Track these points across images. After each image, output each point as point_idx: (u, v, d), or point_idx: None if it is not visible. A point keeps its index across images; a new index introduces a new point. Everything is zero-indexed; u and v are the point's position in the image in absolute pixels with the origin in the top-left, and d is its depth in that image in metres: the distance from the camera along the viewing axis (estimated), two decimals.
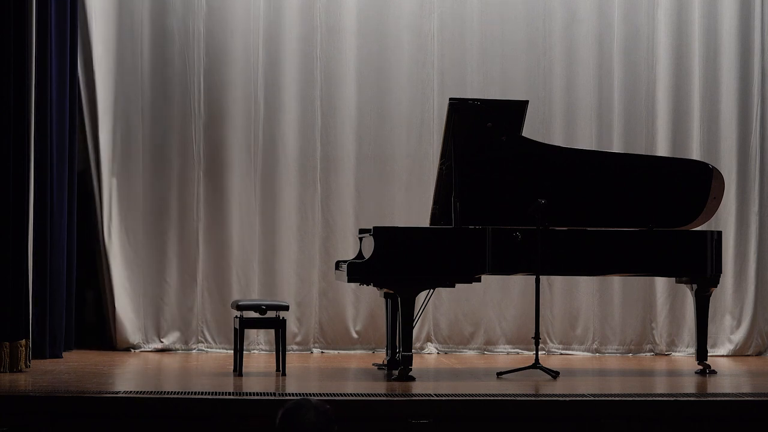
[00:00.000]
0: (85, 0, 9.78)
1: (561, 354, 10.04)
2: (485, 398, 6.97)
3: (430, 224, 8.47)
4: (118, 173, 9.90)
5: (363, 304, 10.00)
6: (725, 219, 10.06)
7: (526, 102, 8.49)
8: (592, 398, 7.02)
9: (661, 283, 10.08)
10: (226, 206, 9.98)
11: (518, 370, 8.25)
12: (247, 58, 10.01)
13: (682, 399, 7.14)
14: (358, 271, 7.93)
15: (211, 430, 6.62)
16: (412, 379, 7.82)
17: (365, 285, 8.24)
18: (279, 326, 8.20)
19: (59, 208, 9.06)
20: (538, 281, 8.24)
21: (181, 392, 7.10)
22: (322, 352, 9.97)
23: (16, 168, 7.90)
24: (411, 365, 7.91)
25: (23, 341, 7.97)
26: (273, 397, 6.97)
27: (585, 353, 10.07)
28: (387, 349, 8.64)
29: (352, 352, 9.96)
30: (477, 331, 10.09)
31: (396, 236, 8.02)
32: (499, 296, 10.08)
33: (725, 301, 10.16)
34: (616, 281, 10.09)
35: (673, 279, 8.98)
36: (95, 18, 9.86)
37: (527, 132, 8.48)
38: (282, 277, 9.99)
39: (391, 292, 8.14)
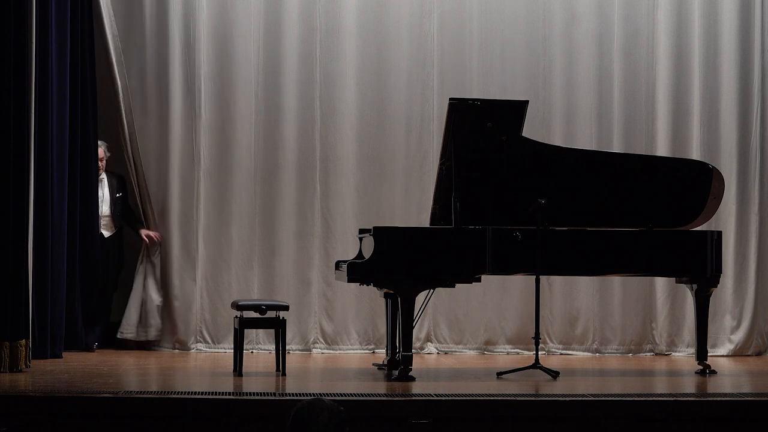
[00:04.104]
0: (86, 0, 9.78)
1: (561, 354, 10.04)
2: (485, 398, 6.97)
3: (430, 224, 8.47)
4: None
5: (363, 304, 10.00)
6: (725, 219, 10.06)
7: (526, 102, 8.49)
8: (592, 398, 7.01)
9: (661, 283, 10.08)
10: (226, 206, 9.98)
11: (518, 370, 8.25)
12: (248, 58, 10.01)
13: (682, 399, 7.14)
14: (358, 271, 7.93)
15: (211, 430, 6.62)
16: (412, 379, 7.82)
17: (365, 285, 8.24)
18: (279, 326, 8.20)
19: (59, 207, 9.06)
20: (538, 281, 8.24)
21: (181, 392, 7.10)
22: (322, 352, 9.97)
23: (16, 168, 7.90)
24: (411, 365, 7.91)
25: (23, 341, 7.96)
26: (273, 398, 6.97)
27: (585, 353, 10.07)
28: (387, 349, 8.64)
29: (352, 352, 9.96)
30: (477, 331, 10.09)
31: (396, 236, 8.02)
32: (499, 296, 10.08)
33: (725, 301, 10.15)
34: (616, 281, 10.08)
35: (673, 279, 8.99)
36: (96, 19, 9.85)
37: (527, 132, 8.48)
38: (282, 277, 9.99)
39: (391, 292, 8.14)
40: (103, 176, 9.72)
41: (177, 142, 9.93)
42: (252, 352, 9.78)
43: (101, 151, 9.68)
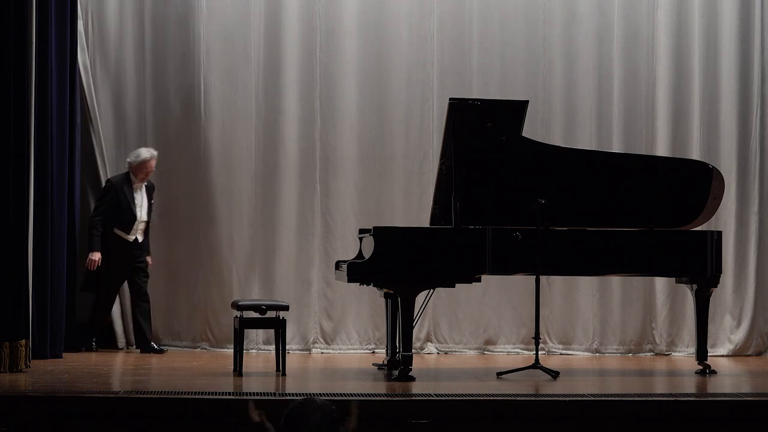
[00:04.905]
0: (86, 1, 9.80)
1: (561, 354, 10.03)
2: (485, 398, 6.97)
3: (430, 224, 8.47)
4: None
5: (363, 304, 10.00)
6: (725, 219, 10.06)
7: (526, 102, 8.49)
8: (592, 398, 7.01)
9: (661, 283, 10.07)
10: (227, 206, 9.98)
11: (518, 370, 8.24)
12: (248, 59, 10.01)
13: (682, 399, 7.14)
14: (358, 271, 7.93)
15: (211, 430, 6.62)
16: (412, 379, 7.82)
17: (365, 285, 8.24)
18: (279, 326, 8.20)
19: (59, 208, 9.06)
20: (538, 281, 8.24)
21: (181, 392, 7.10)
22: (321, 352, 9.97)
23: (16, 168, 7.90)
24: (411, 365, 7.90)
25: (23, 341, 7.96)
26: (273, 398, 6.97)
27: (585, 353, 10.07)
28: (387, 349, 8.64)
29: (352, 352, 9.96)
30: (477, 331, 10.09)
31: (396, 236, 8.03)
32: (498, 296, 10.08)
33: (725, 301, 10.15)
34: (616, 281, 10.08)
35: (673, 279, 8.98)
36: (96, 19, 9.87)
37: (527, 132, 8.48)
38: (282, 277, 9.99)
39: (391, 292, 8.14)
40: (142, 183, 9.64)
41: (178, 142, 9.92)
42: (252, 351, 9.77)
43: (153, 164, 9.56)
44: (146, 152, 9.58)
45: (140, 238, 9.64)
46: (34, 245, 8.35)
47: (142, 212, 9.63)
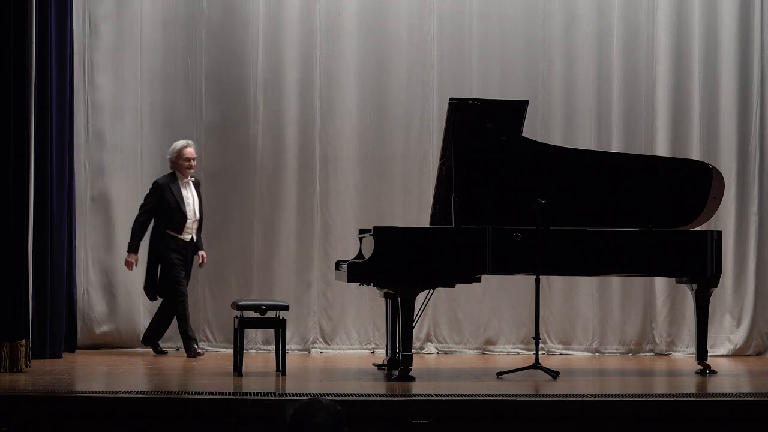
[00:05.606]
0: (86, 1, 9.80)
1: (561, 354, 10.04)
2: (485, 398, 6.98)
3: (430, 224, 8.47)
4: (119, 174, 9.90)
5: (363, 304, 10.00)
6: (725, 219, 10.06)
7: (526, 102, 8.49)
8: (592, 398, 7.02)
9: (661, 283, 10.08)
10: (226, 206, 9.98)
11: (518, 370, 8.24)
12: (248, 59, 10.01)
13: (682, 399, 7.14)
14: (358, 271, 7.93)
15: (211, 430, 6.62)
16: (412, 379, 7.82)
17: (365, 285, 8.24)
18: (279, 326, 8.20)
19: (59, 208, 9.06)
20: (538, 281, 8.24)
21: (181, 392, 7.11)
22: (321, 352, 9.97)
23: (16, 168, 7.90)
24: (411, 365, 7.90)
25: (23, 341, 7.97)
26: (273, 398, 6.97)
27: (585, 353, 10.07)
28: (387, 349, 8.64)
29: (352, 352, 9.96)
30: (477, 331, 10.09)
31: (396, 236, 8.02)
32: (498, 296, 10.08)
33: (725, 301, 10.15)
34: (615, 281, 10.08)
35: (673, 279, 8.98)
36: (96, 19, 9.87)
37: (527, 132, 8.48)
38: (281, 277, 9.99)
39: (391, 292, 8.14)
40: (188, 179, 9.52)
41: (176, 142, 9.92)
42: (251, 351, 9.77)
43: (191, 151, 9.47)
44: (181, 141, 9.46)
45: (195, 238, 9.52)
46: (34, 245, 8.35)
47: (193, 210, 9.46)
